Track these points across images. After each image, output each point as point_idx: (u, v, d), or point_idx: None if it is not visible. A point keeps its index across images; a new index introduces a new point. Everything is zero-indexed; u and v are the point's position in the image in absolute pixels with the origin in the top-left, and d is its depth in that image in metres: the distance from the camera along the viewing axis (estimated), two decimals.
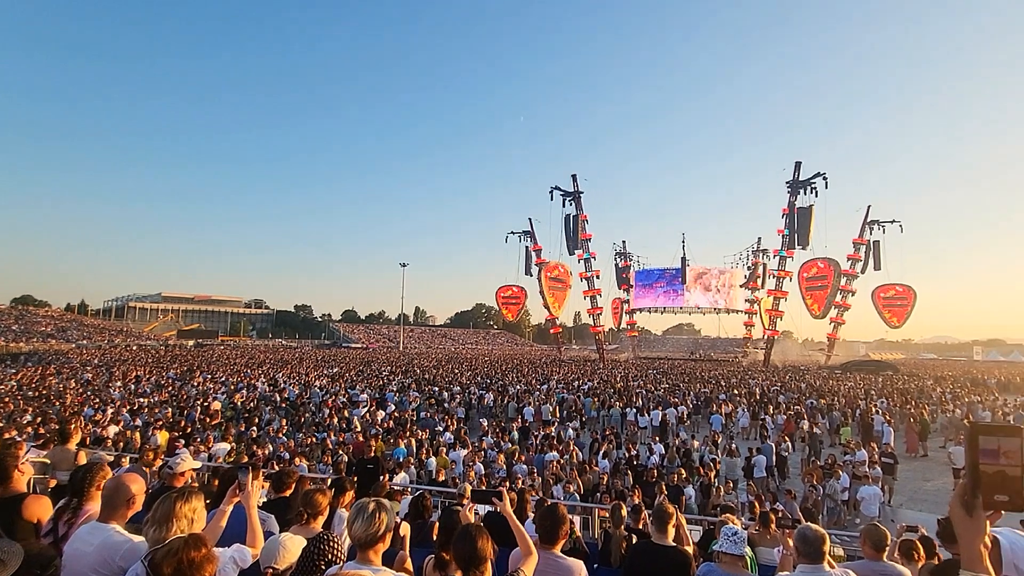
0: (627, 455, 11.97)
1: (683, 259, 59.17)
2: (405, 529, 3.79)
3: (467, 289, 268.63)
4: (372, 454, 10.57)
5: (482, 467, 10.76)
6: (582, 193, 48.59)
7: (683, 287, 62.52)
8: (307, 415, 17.78)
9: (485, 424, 15.85)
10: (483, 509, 5.18)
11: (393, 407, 18.69)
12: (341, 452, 11.21)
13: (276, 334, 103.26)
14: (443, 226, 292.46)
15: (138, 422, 14.47)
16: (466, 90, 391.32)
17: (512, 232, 50.53)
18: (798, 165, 44.14)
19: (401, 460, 10.43)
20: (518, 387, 25.67)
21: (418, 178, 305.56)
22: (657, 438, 14.64)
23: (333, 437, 13.23)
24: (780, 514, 5.86)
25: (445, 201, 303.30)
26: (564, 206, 48.51)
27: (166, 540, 1.99)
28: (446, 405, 20.32)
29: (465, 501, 4.34)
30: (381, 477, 7.78)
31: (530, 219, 50.90)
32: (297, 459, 10.18)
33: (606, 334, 68.07)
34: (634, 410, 18.59)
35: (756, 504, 7.73)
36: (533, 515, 4.33)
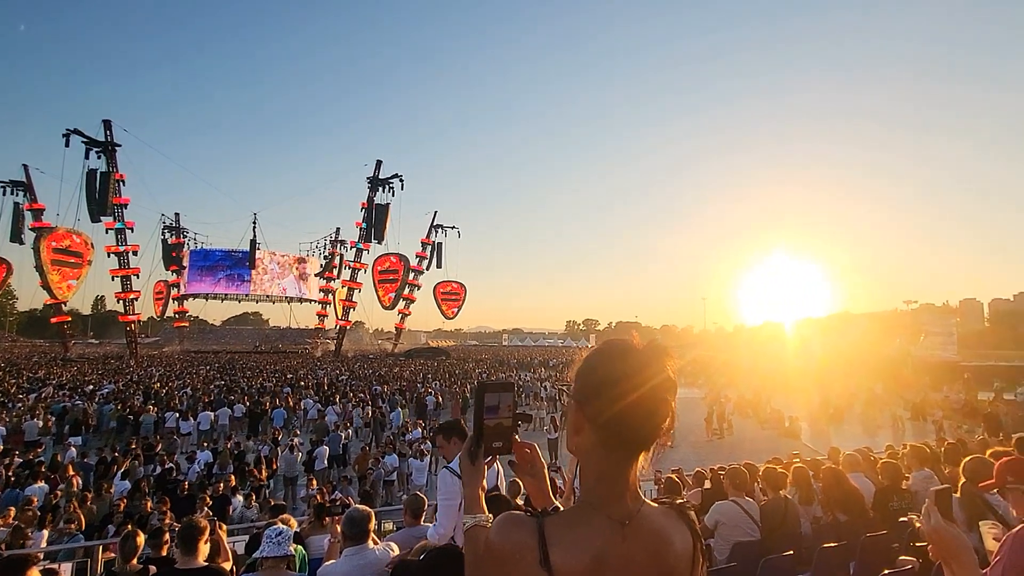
0: (159, 469, 10.48)
1: (253, 242, 56.68)
2: None
3: None
4: None
5: None
6: (118, 146, 40.46)
7: (251, 272, 59.99)
8: None
9: None
10: None
11: None
12: None
13: None
14: None
15: None
16: None
17: None
18: (379, 163, 49.05)
19: None
20: None
21: None
22: (205, 444, 13.49)
23: None
24: (338, 502, 6.08)
25: None
26: (88, 158, 39.07)
27: None
28: None
29: None
30: None
31: (26, 166, 41.03)
32: None
33: (145, 324, 58.84)
34: (175, 414, 16.78)
35: (318, 497, 7.88)
36: None
